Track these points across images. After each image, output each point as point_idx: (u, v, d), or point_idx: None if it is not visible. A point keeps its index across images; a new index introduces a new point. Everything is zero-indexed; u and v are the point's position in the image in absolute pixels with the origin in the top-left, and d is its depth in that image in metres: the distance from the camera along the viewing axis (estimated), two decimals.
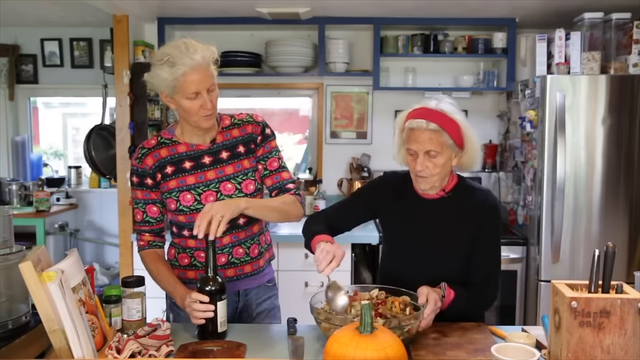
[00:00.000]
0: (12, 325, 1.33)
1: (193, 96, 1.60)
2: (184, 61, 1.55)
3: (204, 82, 1.60)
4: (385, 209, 1.78)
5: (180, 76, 1.56)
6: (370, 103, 3.68)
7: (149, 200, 1.73)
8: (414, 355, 1.41)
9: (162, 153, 1.72)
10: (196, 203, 1.69)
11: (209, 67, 1.62)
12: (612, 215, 2.88)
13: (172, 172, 1.71)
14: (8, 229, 1.39)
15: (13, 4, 3.23)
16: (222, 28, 3.59)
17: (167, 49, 1.60)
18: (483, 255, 1.69)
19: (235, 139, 1.76)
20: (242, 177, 1.74)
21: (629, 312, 1.16)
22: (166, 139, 1.75)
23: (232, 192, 1.72)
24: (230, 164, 1.74)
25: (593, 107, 2.84)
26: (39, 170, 4.19)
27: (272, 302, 1.88)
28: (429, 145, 1.59)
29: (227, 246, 1.74)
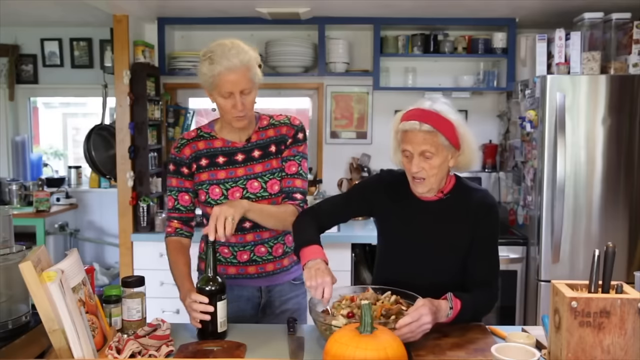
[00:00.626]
0: (12, 325, 1.33)
1: (227, 95, 1.66)
2: (222, 61, 1.61)
3: (238, 84, 1.64)
4: (382, 209, 1.76)
5: (217, 74, 1.62)
6: (370, 103, 3.68)
7: (183, 188, 1.79)
8: (414, 355, 1.41)
9: (199, 145, 1.78)
10: (223, 197, 1.75)
11: (248, 70, 1.66)
12: (612, 215, 2.88)
13: (206, 165, 1.77)
14: (8, 229, 1.40)
15: (13, 4, 3.23)
16: (222, 28, 3.59)
17: (213, 46, 1.66)
18: (484, 255, 1.67)
19: (269, 139, 1.80)
20: (269, 177, 1.78)
21: (629, 312, 1.16)
22: (205, 132, 1.81)
23: (258, 190, 1.76)
24: (260, 162, 1.78)
25: (593, 107, 2.84)
26: (39, 170, 4.19)
27: (298, 301, 1.89)
28: (423, 145, 1.57)
29: (250, 244, 1.78)
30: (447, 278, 1.66)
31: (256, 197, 1.75)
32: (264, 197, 1.76)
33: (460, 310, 1.53)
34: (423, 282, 1.63)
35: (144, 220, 3.19)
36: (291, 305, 1.86)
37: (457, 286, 1.63)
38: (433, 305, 1.45)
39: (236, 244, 1.78)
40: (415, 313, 1.40)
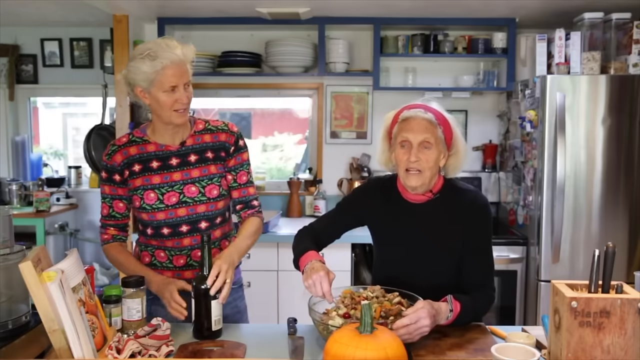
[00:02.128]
0: (12, 325, 1.33)
1: (170, 89, 1.65)
2: (165, 55, 1.62)
3: (182, 77, 1.66)
4: (372, 215, 1.76)
5: (160, 69, 1.62)
6: (370, 103, 3.68)
7: (116, 195, 1.78)
8: (414, 355, 1.41)
9: (131, 151, 1.76)
10: (158, 202, 1.74)
11: (187, 64, 1.69)
12: (612, 215, 2.88)
13: (139, 171, 1.75)
14: (8, 229, 1.39)
15: (13, 4, 3.23)
16: (222, 28, 3.59)
17: (149, 44, 1.66)
18: (479, 255, 1.66)
19: (206, 144, 1.79)
20: (207, 182, 1.77)
21: (629, 312, 1.16)
22: (137, 137, 1.78)
23: (196, 194, 1.76)
24: (197, 167, 1.77)
25: (593, 107, 2.84)
26: (39, 170, 4.19)
27: (236, 305, 1.89)
28: (425, 133, 1.57)
29: (187, 248, 1.78)
30: (442, 279, 1.66)
31: (194, 201, 1.75)
32: (202, 201, 1.76)
33: (460, 312, 1.53)
34: (419, 283, 1.63)
35: None
36: (229, 310, 1.83)
37: (453, 287, 1.62)
38: (432, 308, 1.45)
39: (172, 248, 1.78)
40: (413, 315, 1.40)
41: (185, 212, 1.75)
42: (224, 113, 4.15)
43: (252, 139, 4.14)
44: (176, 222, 1.74)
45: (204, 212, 1.76)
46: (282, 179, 3.84)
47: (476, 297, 1.60)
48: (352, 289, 1.66)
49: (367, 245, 3.29)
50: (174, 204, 1.74)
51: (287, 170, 4.03)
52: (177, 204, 1.74)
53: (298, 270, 1.69)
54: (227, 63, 3.48)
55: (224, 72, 3.49)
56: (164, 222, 1.75)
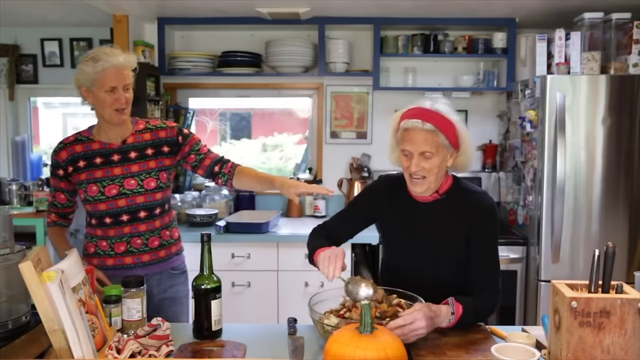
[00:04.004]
0: (12, 325, 1.33)
1: (109, 89, 1.84)
2: (106, 58, 1.83)
3: (121, 79, 1.86)
4: (381, 213, 1.77)
5: (101, 70, 1.83)
6: (370, 103, 3.68)
7: (58, 188, 1.98)
8: (414, 355, 1.41)
9: (76, 149, 1.94)
10: (100, 194, 1.91)
11: (128, 70, 1.90)
12: (612, 215, 2.88)
13: (83, 166, 1.93)
14: (8, 229, 1.39)
15: (13, 4, 3.23)
16: (222, 28, 3.59)
17: (94, 50, 1.89)
18: (483, 258, 1.66)
19: (146, 142, 1.98)
20: (146, 175, 1.95)
21: (629, 312, 1.16)
22: (83, 136, 1.97)
23: (135, 187, 1.93)
24: (136, 163, 1.95)
25: (593, 107, 2.84)
26: (39, 170, 4.19)
27: (177, 289, 2.05)
28: (424, 146, 1.56)
29: (127, 235, 1.94)
30: (446, 278, 1.67)
31: (133, 193, 1.93)
32: (140, 192, 1.93)
33: (462, 314, 1.52)
34: (423, 282, 1.63)
35: None
36: (170, 294, 2.02)
37: (457, 286, 1.63)
38: (430, 311, 1.45)
39: (114, 236, 1.94)
40: (408, 317, 1.40)
41: (125, 203, 1.92)
42: (224, 113, 4.15)
43: (252, 139, 4.15)
44: (117, 212, 1.92)
45: (142, 203, 1.94)
46: None
47: (479, 299, 1.60)
48: None
49: (367, 245, 3.29)
50: (114, 195, 1.91)
51: (287, 170, 4.03)
52: (117, 195, 1.91)
53: (313, 265, 1.68)
54: (227, 63, 3.48)
55: (224, 72, 3.49)
56: (106, 212, 1.92)
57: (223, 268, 2.98)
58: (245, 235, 3.07)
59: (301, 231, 3.12)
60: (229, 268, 3.06)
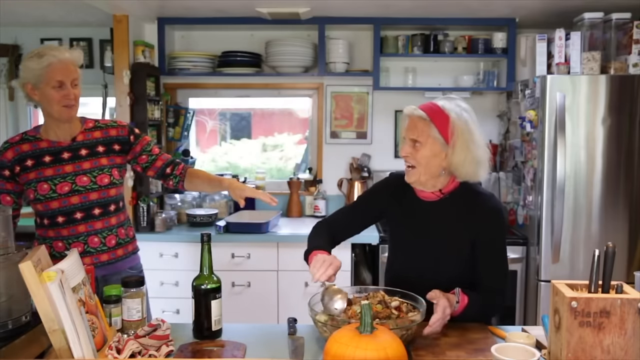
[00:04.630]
0: (12, 325, 1.33)
1: (57, 84, 1.81)
2: (52, 53, 1.80)
3: (68, 74, 1.83)
4: (389, 210, 1.79)
5: (46, 66, 1.79)
6: (370, 103, 3.68)
7: (3, 189, 1.92)
8: (414, 355, 1.41)
9: (23, 148, 1.90)
10: (51, 192, 1.88)
11: (76, 65, 1.86)
12: (612, 215, 2.88)
13: (32, 165, 1.89)
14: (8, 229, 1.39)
15: (13, 4, 3.23)
16: (222, 28, 3.59)
17: (40, 47, 1.87)
18: (491, 260, 1.66)
19: (97, 140, 1.97)
20: (98, 172, 1.94)
21: (629, 312, 1.16)
22: (30, 135, 1.93)
23: (87, 183, 1.92)
24: (87, 160, 1.93)
25: (593, 107, 2.84)
26: None
27: None
28: (414, 132, 1.62)
29: (82, 235, 1.91)
30: (450, 277, 1.67)
31: (86, 189, 1.91)
32: (94, 189, 1.92)
33: (466, 305, 1.56)
34: (426, 281, 1.64)
35: (143, 220, 3.18)
36: None
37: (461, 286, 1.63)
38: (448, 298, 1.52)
39: (69, 236, 1.91)
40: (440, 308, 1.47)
41: (78, 200, 1.90)
42: (224, 113, 4.15)
43: (252, 139, 4.14)
44: (70, 210, 1.89)
45: (96, 199, 1.92)
46: (282, 179, 3.84)
47: (484, 297, 1.63)
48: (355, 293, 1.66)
49: (367, 245, 3.29)
50: (67, 192, 1.89)
51: (287, 170, 4.03)
52: (69, 192, 1.89)
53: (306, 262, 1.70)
54: (227, 63, 3.48)
55: (224, 72, 3.49)
56: (58, 210, 1.89)
57: (223, 268, 2.97)
58: (245, 235, 3.07)
59: (301, 231, 3.12)
60: (229, 268, 3.06)
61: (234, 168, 4.03)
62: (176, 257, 3.09)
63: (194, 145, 3.97)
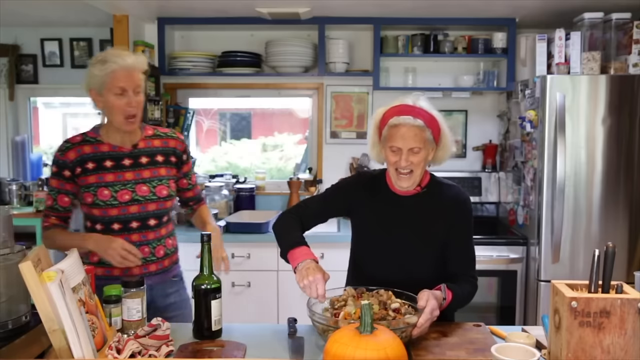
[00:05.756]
0: (12, 325, 1.33)
1: (119, 91, 1.78)
2: (116, 60, 1.77)
3: (131, 81, 1.79)
4: (359, 206, 1.79)
5: (110, 72, 1.76)
6: (370, 103, 3.68)
7: (63, 190, 1.88)
8: (414, 355, 1.41)
9: (85, 149, 1.86)
10: (112, 199, 1.84)
11: (139, 72, 1.82)
12: (612, 215, 2.88)
13: (92, 168, 1.85)
14: (8, 229, 1.39)
15: (13, 4, 3.23)
16: (222, 28, 3.59)
17: (103, 52, 1.84)
18: (463, 248, 1.73)
19: (156, 148, 1.95)
20: (157, 182, 1.91)
21: (629, 312, 1.16)
22: (91, 137, 1.89)
23: (147, 194, 1.88)
24: (148, 168, 1.91)
25: (593, 107, 2.84)
26: (39, 170, 4.19)
27: (180, 294, 2.02)
28: (413, 142, 1.61)
29: (135, 244, 1.84)
30: (424, 272, 1.71)
31: (145, 199, 1.88)
32: (153, 200, 1.89)
33: (451, 300, 1.59)
34: (400, 278, 1.66)
35: None
36: (173, 299, 1.98)
37: (435, 281, 1.65)
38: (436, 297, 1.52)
39: None
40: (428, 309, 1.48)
41: (136, 210, 1.87)
42: (224, 113, 4.15)
43: (252, 139, 4.14)
44: (127, 219, 1.86)
45: (153, 211, 1.89)
46: (282, 179, 3.84)
47: (463, 286, 1.67)
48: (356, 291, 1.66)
49: None
50: (127, 201, 1.85)
51: (287, 170, 4.03)
52: (129, 201, 1.85)
53: (284, 259, 1.69)
54: (227, 63, 3.48)
55: (224, 72, 3.49)
56: (116, 217, 1.85)
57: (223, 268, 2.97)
58: (245, 235, 3.07)
59: None
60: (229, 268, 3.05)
61: (233, 168, 4.03)
62: None
63: (194, 145, 3.97)
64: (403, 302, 1.56)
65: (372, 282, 1.67)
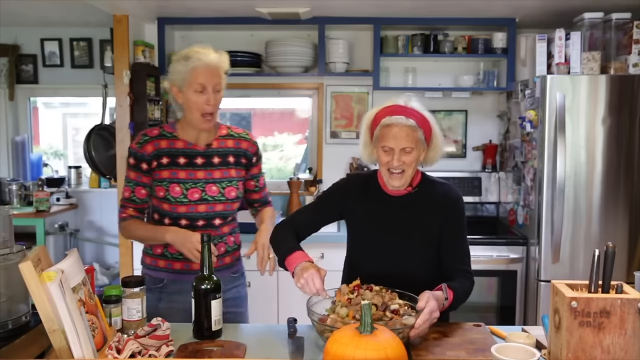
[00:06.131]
0: (12, 325, 1.33)
1: (200, 88, 1.79)
2: (197, 57, 1.79)
3: (211, 79, 1.80)
4: (352, 209, 1.79)
5: (191, 69, 1.78)
6: (370, 103, 3.68)
7: (140, 182, 1.88)
8: (414, 355, 1.41)
9: (161, 144, 1.87)
10: (182, 197, 1.85)
11: (220, 70, 1.84)
12: (612, 215, 2.88)
13: (167, 163, 1.86)
14: (8, 229, 1.39)
15: (13, 4, 3.23)
16: (222, 28, 3.59)
17: (187, 49, 1.85)
18: (457, 245, 1.74)
19: (229, 149, 1.94)
20: (227, 184, 1.91)
21: (629, 312, 1.16)
22: (167, 132, 1.90)
23: (216, 194, 1.89)
24: (219, 169, 1.91)
25: (593, 107, 2.84)
26: (39, 170, 4.19)
27: (238, 291, 2.02)
28: (405, 142, 1.62)
29: None
30: (419, 271, 1.71)
31: (214, 200, 1.88)
32: (221, 201, 1.89)
33: (453, 300, 1.59)
34: (396, 277, 1.66)
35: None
36: (231, 294, 1.97)
37: (430, 280, 1.66)
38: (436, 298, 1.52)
39: None
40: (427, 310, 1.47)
41: (204, 209, 1.87)
42: (224, 113, 4.15)
43: None
44: (195, 217, 1.86)
45: (220, 211, 1.90)
46: (282, 179, 3.84)
47: (461, 283, 1.67)
48: None
49: None
50: (196, 200, 1.86)
51: (287, 170, 4.03)
52: (198, 200, 1.86)
53: (283, 267, 1.71)
54: None
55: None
56: (184, 215, 1.86)
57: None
58: (245, 235, 3.06)
59: None
60: None
61: None
62: None
63: None
64: (405, 303, 1.56)
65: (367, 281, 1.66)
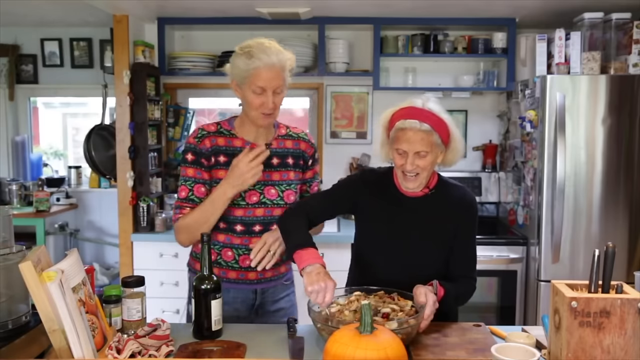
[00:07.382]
0: (12, 325, 1.33)
1: (259, 90, 1.67)
2: (261, 56, 1.64)
3: (272, 81, 1.66)
4: (365, 206, 1.76)
5: (252, 69, 1.65)
6: (370, 103, 3.68)
7: (200, 179, 1.74)
8: (414, 355, 1.41)
9: (219, 141, 1.75)
10: (240, 199, 1.73)
11: (283, 71, 1.69)
12: (612, 215, 2.88)
13: (224, 162, 1.74)
14: (8, 229, 1.39)
15: (13, 4, 3.23)
16: (222, 28, 3.59)
17: (251, 42, 1.70)
18: (466, 250, 1.73)
19: (288, 150, 1.83)
20: (286, 187, 1.80)
21: (629, 312, 1.16)
22: (225, 129, 1.78)
23: (275, 197, 1.78)
24: (277, 171, 1.80)
25: (593, 107, 2.84)
26: (39, 170, 4.19)
27: (290, 299, 1.93)
28: (420, 146, 1.59)
29: None
30: (429, 272, 1.69)
31: (272, 203, 1.77)
32: (280, 205, 1.78)
33: (442, 297, 1.59)
34: (405, 277, 1.65)
35: (144, 220, 3.19)
36: (283, 303, 1.89)
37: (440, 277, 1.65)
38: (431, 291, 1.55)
39: (240, 246, 1.77)
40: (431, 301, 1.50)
41: (262, 213, 1.77)
42: (224, 113, 4.15)
43: None
44: (252, 221, 1.76)
45: (278, 216, 1.76)
46: None
47: (459, 286, 1.67)
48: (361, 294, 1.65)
49: None
50: (254, 203, 1.75)
51: None
52: (256, 203, 1.75)
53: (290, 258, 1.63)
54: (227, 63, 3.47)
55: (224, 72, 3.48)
56: (240, 219, 1.75)
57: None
58: None
59: None
60: None
61: None
62: (176, 257, 3.09)
63: None
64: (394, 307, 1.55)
65: (376, 282, 1.66)
